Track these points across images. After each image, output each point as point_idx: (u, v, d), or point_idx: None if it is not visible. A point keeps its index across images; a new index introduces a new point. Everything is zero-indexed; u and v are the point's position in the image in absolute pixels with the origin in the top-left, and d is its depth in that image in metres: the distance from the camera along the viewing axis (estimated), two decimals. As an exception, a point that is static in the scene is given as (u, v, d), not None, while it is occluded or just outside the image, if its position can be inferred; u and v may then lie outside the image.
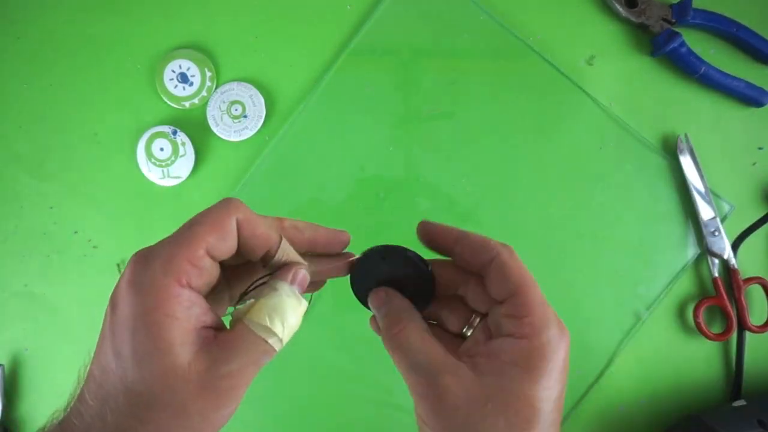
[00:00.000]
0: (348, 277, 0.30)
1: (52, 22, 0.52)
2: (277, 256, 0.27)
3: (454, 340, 0.29)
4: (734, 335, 0.52)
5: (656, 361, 0.52)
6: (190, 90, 0.52)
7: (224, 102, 0.52)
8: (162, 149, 0.51)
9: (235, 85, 0.52)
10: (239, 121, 0.52)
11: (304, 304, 0.26)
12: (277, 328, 0.25)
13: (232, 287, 0.29)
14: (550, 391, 0.24)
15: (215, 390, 0.23)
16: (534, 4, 0.54)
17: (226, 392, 0.24)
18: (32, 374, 0.51)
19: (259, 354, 0.24)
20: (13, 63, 0.52)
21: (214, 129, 0.52)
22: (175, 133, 0.51)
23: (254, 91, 0.52)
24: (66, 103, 0.52)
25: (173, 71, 0.52)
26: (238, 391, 0.24)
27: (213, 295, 0.28)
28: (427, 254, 0.30)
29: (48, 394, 0.51)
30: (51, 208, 0.52)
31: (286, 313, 0.25)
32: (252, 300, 0.26)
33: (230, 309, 0.28)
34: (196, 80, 0.52)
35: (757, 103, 0.53)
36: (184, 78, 0.52)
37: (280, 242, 0.27)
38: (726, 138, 0.54)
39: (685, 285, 0.53)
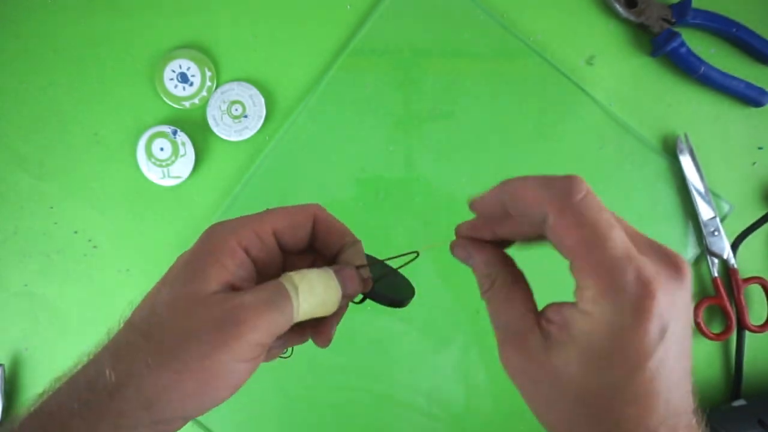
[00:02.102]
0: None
1: (52, 22, 0.52)
2: (344, 255, 0.29)
3: None
4: (734, 335, 0.52)
5: (656, 360, 0.52)
6: (190, 90, 0.52)
7: (224, 102, 0.52)
8: (162, 149, 0.51)
9: (235, 85, 0.52)
10: (239, 121, 0.52)
11: (339, 291, 0.27)
12: (301, 286, 0.25)
13: None
14: (640, 371, 0.20)
15: (224, 318, 0.23)
16: (534, 4, 0.54)
17: (234, 325, 0.23)
18: (32, 374, 0.51)
19: (273, 294, 0.25)
20: (13, 63, 0.52)
21: (214, 129, 0.52)
22: (175, 133, 0.51)
23: (254, 91, 0.52)
24: (66, 103, 0.52)
25: (173, 71, 0.52)
26: (245, 331, 0.23)
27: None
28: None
29: (48, 394, 0.51)
30: (51, 208, 0.52)
31: (314, 282, 0.26)
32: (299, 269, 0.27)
33: None
34: (196, 80, 0.52)
35: (757, 103, 0.53)
36: (184, 78, 0.52)
37: (357, 243, 0.29)
38: (726, 138, 0.54)
39: (685, 285, 0.53)
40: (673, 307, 0.21)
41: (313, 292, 0.26)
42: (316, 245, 0.29)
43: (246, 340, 0.24)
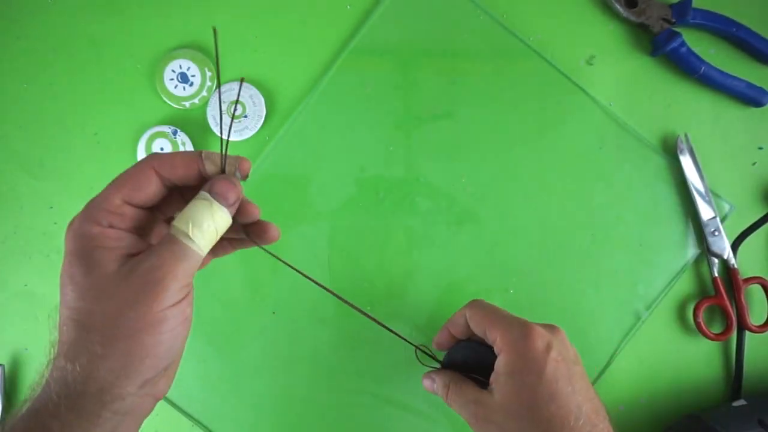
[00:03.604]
0: None
1: (52, 22, 0.52)
2: (209, 172, 0.30)
3: None
4: (734, 335, 0.52)
5: (656, 360, 0.52)
6: (190, 90, 0.52)
7: (224, 102, 0.52)
8: (162, 149, 0.51)
9: (235, 85, 0.52)
10: (239, 121, 0.52)
11: (221, 209, 0.29)
12: (184, 226, 0.27)
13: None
14: (534, 374, 0.32)
15: (142, 282, 0.26)
16: (534, 4, 0.54)
17: (154, 283, 0.26)
18: (32, 374, 0.51)
19: (174, 249, 0.27)
20: (13, 63, 0.52)
21: (215, 129, 0.52)
22: (175, 133, 0.51)
23: (254, 91, 0.52)
24: (66, 103, 0.52)
25: (173, 71, 0.52)
26: (168, 284, 0.26)
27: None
28: None
29: (48, 394, 0.51)
30: (51, 208, 0.52)
31: (196, 216, 0.28)
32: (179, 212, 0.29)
33: None
34: (196, 80, 0.52)
35: (757, 103, 0.53)
36: (184, 78, 0.52)
37: (206, 156, 0.30)
38: (726, 138, 0.54)
39: (685, 285, 0.53)
40: (553, 337, 0.35)
41: (200, 225, 0.28)
42: (179, 187, 0.30)
43: (170, 290, 0.26)
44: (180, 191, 0.31)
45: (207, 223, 0.28)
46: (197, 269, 0.28)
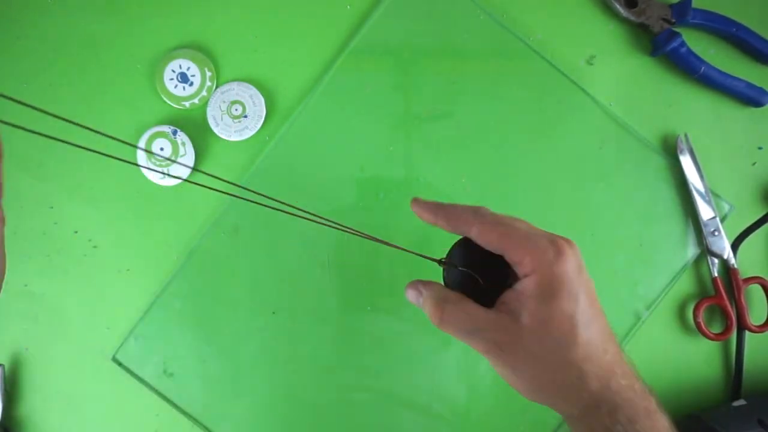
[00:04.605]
0: None
1: (52, 22, 0.52)
2: None
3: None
4: (734, 335, 0.52)
5: (656, 361, 0.52)
6: (190, 90, 0.52)
7: (224, 102, 0.52)
8: (162, 149, 0.51)
9: (235, 85, 0.52)
10: (239, 121, 0.52)
11: None
12: None
13: None
14: (572, 299, 0.30)
15: None
16: (534, 4, 0.54)
17: None
18: (32, 374, 0.51)
19: None
20: (13, 63, 0.52)
21: (214, 129, 0.52)
22: (175, 133, 0.51)
23: (254, 90, 0.52)
24: (66, 103, 0.52)
25: (173, 71, 0.52)
26: None
27: None
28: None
29: (48, 394, 0.51)
30: (51, 208, 0.52)
31: None
32: None
33: None
34: (196, 80, 0.52)
35: (757, 103, 0.53)
36: (184, 78, 0.52)
37: None
38: (726, 138, 0.54)
39: (685, 285, 0.53)
40: (578, 253, 0.31)
41: None
42: None
43: None
44: None
45: None
46: None
